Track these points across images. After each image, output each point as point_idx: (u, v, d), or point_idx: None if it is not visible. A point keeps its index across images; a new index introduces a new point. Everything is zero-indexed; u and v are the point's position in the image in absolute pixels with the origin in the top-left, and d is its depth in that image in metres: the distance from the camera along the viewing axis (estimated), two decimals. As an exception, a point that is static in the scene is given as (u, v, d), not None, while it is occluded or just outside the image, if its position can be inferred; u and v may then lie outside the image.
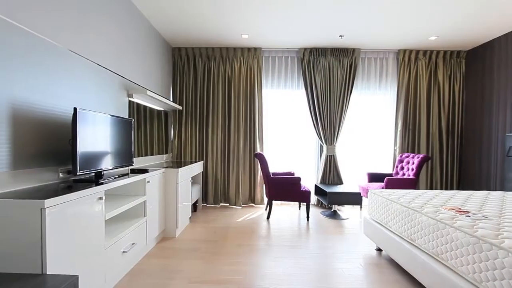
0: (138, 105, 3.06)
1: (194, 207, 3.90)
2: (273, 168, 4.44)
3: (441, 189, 4.27)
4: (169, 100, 3.54)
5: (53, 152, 1.78)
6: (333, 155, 4.23)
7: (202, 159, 4.27)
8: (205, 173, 4.26)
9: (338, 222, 3.46)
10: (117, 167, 2.15)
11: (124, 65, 2.74)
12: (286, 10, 3.04)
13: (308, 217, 3.52)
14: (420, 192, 2.43)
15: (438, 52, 4.21)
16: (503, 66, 3.58)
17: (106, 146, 2.00)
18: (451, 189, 4.29)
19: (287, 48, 4.27)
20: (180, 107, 4.01)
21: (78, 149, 1.65)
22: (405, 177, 3.60)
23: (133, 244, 2.07)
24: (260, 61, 4.22)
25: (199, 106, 4.27)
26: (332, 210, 3.87)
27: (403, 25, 3.39)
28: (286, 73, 4.35)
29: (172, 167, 2.85)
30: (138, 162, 3.03)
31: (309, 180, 4.45)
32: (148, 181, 2.38)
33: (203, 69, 4.26)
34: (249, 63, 4.23)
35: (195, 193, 3.67)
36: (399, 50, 4.23)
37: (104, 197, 1.69)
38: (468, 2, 2.81)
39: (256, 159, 4.24)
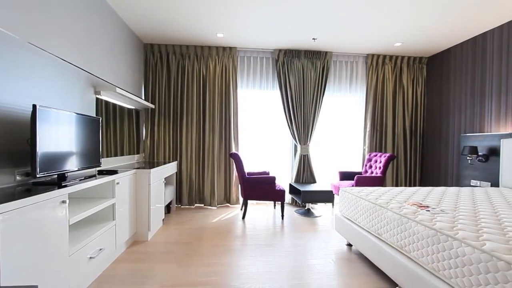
0: (107, 103, 2.91)
1: (168, 208, 3.79)
2: (248, 168, 4.46)
3: (405, 185, 4.56)
4: (141, 98, 3.41)
5: (9, 153, 1.64)
6: (307, 154, 4.34)
7: (176, 160, 4.17)
8: (179, 174, 4.17)
9: (311, 220, 3.56)
10: (83, 169, 2.03)
11: (91, 61, 2.59)
12: (260, 11, 3.06)
13: (282, 215, 3.58)
14: (386, 189, 2.58)
15: (402, 57, 4.50)
16: (459, 72, 3.91)
17: (70, 146, 1.88)
18: (414, 185, 4.60)
19: (262, 49, 4.30)
20: (153, 106, 3.88)
21: (37, 149, 1.54)
22: (373, 175, 3.80)
23: (100, 249, 1.96)
24: (235, 61, 4.21)
25: (173, 105, 4.16)
26: (306, 208, 3.97)
27: (371, 31, 3.57)
28: (261, 74, 4.38)
29: (144, 168, 2.75)
30: (107, 163, 2.88)
31: (284, 179, 4.53)
32: (118, 183, 2.28)
33: (177, 67, 4.16)
34: (224, 62, 4.20)
35: (168, 194, 3.57)
36: (367, 54, 4.45)
37: (68, 201, 1.58)
38: (429, 14, 3.03)
39: (231, 159, 4.23)
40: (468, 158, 3.53)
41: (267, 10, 3.06)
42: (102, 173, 2.27)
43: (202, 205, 4.24)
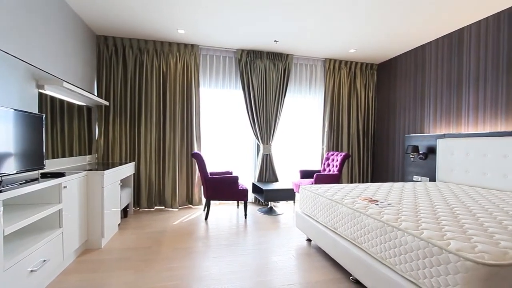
0: (53, 98, 2.64)
1: (125, 212, 3.57)
2: (211, 168, 4.40)
3: (359, 182, 4.92)
4: (93, 94, 3.15)
5: None
6: (269, 154, 4.43)
7: (134, 160, 3.94)
8: (137, 175, 3.95)
9: (274, 218, 3.65)
10: (22, 171, 1.81)
11: (33, 51, 2.32)
12: (222, 10, 3.04)
13: (246, 215, 3.61)
14: (342, 186, 2.76)
15: (356, 63, 4.84)
16: (403, 79, 4.34)
17: (7, 146, 1.66)
18: (366, 181, 4.98)
19: (225, 48, 4.28)
20: (107, 103, 3.61)
21: (-36, 151, 1.33)
22: (331, 173, 4.02)
23: (44, 260, 1.78)
24: (197, 59, 4.12)
25: (130, 102, 3.92)
26: (269, 206, 4.06)
27: (329, 37, 3.77)
28: (224, 73, 4.36)
29: (96, 170, 2.55)
30: (53, 165, 2.61)
31: (247, 179, 4.56)
32: (65, 187, 2.08)
33: (135, 62, 3.93)
34: (186, 59, 4.09)
35: (125, 197, 3.36)
36: (325, 58, 4.70)
37: (2, 208, 1.40)
38: (378, 26, 3.31)
39: (193, 159, 4.14)
40: (411, 156, 3.94)
41: (229, 10, 3.05)
42: (46, 176, 2.06)
43: (163, 207, 4.07)
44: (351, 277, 2.01)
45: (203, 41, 3.99)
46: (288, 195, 3.77)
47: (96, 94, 3.81)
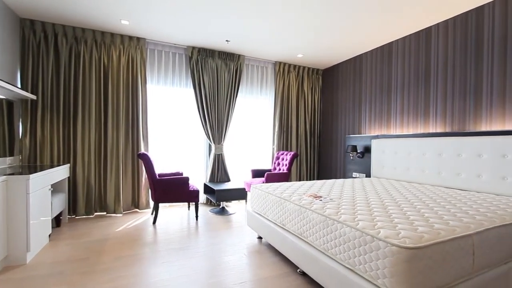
0: (-42, 90, 2.20)
1: (57, 221, 3.17)
2: (160, 169, 4.19)
3: (306, 179, 5.23)
4: (15, 86, 2.71)
5: None
6: (221, 154, 4.41)
7: (69, 162, 3.52)
8: (72, 179, 3.54)
9: (226, 218, 3.65)
10: None
11: None
12: (171, 4, 2.93)
13: (197, 216, 3.54)
14: (290, 184, 2.90)
15: (304, 67, 5.13)
16: (344, 84, 4.76)
17: None
18: (313, 179, 5.33)
19: (175, 44, 4.12)
20: (34, 97, 3.15)
21: None
22: (280, 171, 4.19)
23: (-51, 285, 1.48)
24: (144, 53, 3.87)
25: (64, 97, 3.50)
26: (221, 207, 4.04)
27: (278, 41, 3.93)
28: (173, 70, 4.19)
29: (20, 173, 2.21)
30: (-41, 170, 2.18)
31: (198, 179, 4.47)
32: (-22, 195, 1.76)
33: (69, 53, 3.52)
34: (130, 53, 3.81)
35: (57, 204, 2.99)
36: (275, 61, 4.88)
37: None
38: (322, 35, 3.57)
39: (140, 160, 3.88)
40: (350, 155, 4.35)
41: (177, 5, 2.95)
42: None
43: (104, 213, 3.73)
44: (298, 270, 2.13)
45: (151, 34, 3.77)
46: (240, 194, 3.81)
47: (19, 86, 3.29)
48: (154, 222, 3.33)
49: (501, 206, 1.97)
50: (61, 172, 3.04)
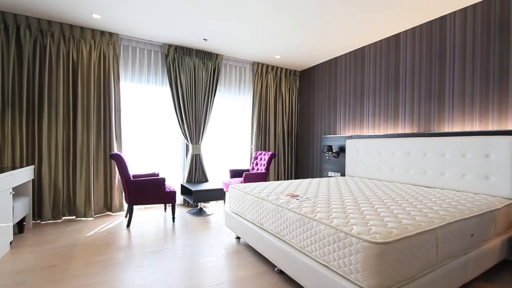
0: None
1: (20, 227, 2.95)
2: (135, 170, 4.05)
3: (284, 179, 5.31)
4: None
5: None
6: (199, 154, 4.35)
7: (33, 163, 3.29)
8: (38, 181, 3.31)
9: (204, 219, 3.60)
10: None
11: None
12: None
13: (174, 218, 3.46)
14: (268, 183, 2.93)
15: (281, 68, 5.20)
16: (320, 86, 4.89)
17: None
18: (290, 178, 5.42)
19: (150, 41, 3.99)
20: (-8, 93, 2.91)
21: None
22: (259, 171, 4.22)
23: None
24: (117, 49, 3.71)
25: (28, 93, 3.26)
26: (198, 207, 3.98)
27: (256, 42, 3.95)
28: (149, 67, 4.06)
29: (-24, 177, 2.03)
30: None
31: (176, 180, 4.38)
32: None
33: (34, 46, 3.28)
34: (102, 49, 3.64)
35: (20, 208, 2.78)
36: (254, 62, 4.90)
37: None
38: (300, 37, 3.64)
39: (112, 160, 3.72)
40: (326, 154, 4.48)
41: (154, 1, 2.86)
42: None
43: (74, 217, 3.53)
44: (276, 269, 2.16)
45: (124, 30, 3.63)
46: (218, 195, 3.78)
47: (-25, 81, 3.02)
48: (128, 225, 3.21)
49: (461, 201, 2.14)
50: (24, 174, 2.83)
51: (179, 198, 4.39)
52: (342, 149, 4.22)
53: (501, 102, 2.59)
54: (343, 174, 4.21)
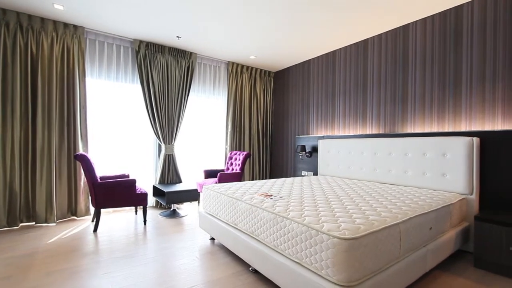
0: None
1: (-33, 236, 2.67)
2: (103, 171, 3.84)
3: (259, 179, 5.35)
4: None
5: None
6: (172, 154, 4.24)
7: (-17, 166, 2.99)
8: (-11, 185, 3.02)
9: (177, 221, 3.52)
10: None
11: None
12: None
13: (145, 220, 3.33)
14: (242, 183, 2.94)
15: (256, 69, 5.23)
16: (294, 87, 5.00)
17: None
18: (265, 178, 5.48)
19: (120, 36, 3.81)
20: None
21: None
22: (233, 171, 4.21)
23: None
24: (82, 43, 3.50)
25: (-24, 89, 2.96)
26: (172, 209, 3.88)
27: (231, 41, 3.94)
28: (118, 64, 3.87)
29: None
30: None
31: (147, 181, 4.22)
32: None
33: (-16, 37, 2.98)
34: (66, 42, 3.40)
35: (-32, 215, 2.51)
36: (228, 61, 4.88)
37: None
38: (273, 37, 3.70)
39: (77, 161, 3.50)
40: (300, 154, 4.59)
41: (125, -5, 2.75)
42: None
43: (33, 223, 3.27)
44: (250, 268, 2.18)
45: (91, 23, 3.43)
46: (192, 196, 3.71)
47: None
48: (95, 230, 3.04)
49: (422, 197, 2.31)
50: (-26, 178, 2.57)
51: (151, 200, 4.24)
52: (315, 149, 4.35)
53: (455, 106, 2.84)
54: (316, 173, 4.34)
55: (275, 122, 5.51)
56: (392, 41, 3.40)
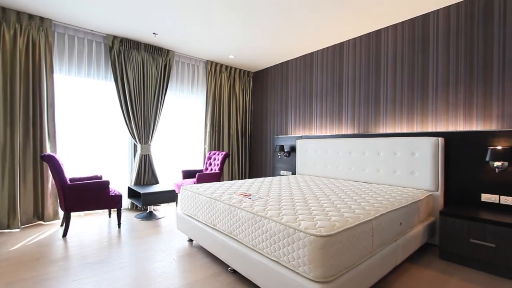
0: None
1: None
2: (73, 173, 3.64)
3: (238, 179, 5.35)
4: None
5: None
6: (149, 154, 4.12)
7: None
8: None
9: (154, 223, 3.42)
10: None
11: None
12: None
13: (119, 223, 3.21)
14: (221, 183, 2.92)
15: (235, 69, 5.22)
16: (273, 87, 5.05)
17: None
18: (244, 178, 5.48)
19: (92, 30, 3.63)
20: None
21: None
22: (212, 171, 4.17)
23: None
24: (50, 37, 3.29)
25: None
26: (148, 211, 3.76)
27: (209, 40, 3.89)
28: (89, 59, 3.69)
29: None
30: None
31: (122, 183, 4.06)
32: None
33: None
34: (31, 35, 3.19)
35: None
36: (207, 60, 4.82)
37: None
38: (253, 39, 3.71)
39: (44, 162, 3.29)
40: (278, 154, 4.64)
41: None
42: None
43: (-8, 229, 3.03)
44: (229, 269, 2.17)
45: (58, 16, 3.24)
46: (169, 197, 3.63)
47: None
48: (64, 235, 2.87)
49: (393, 194, 2.43)
50: None
51: (126, 202, 4.09)
52: (293, 149, 4.43)
53: (423, 108, 3.01)
54: (294, 173, 4.41)
55: (254, 122, 5.53)
56: (366, 45, 3.54)
